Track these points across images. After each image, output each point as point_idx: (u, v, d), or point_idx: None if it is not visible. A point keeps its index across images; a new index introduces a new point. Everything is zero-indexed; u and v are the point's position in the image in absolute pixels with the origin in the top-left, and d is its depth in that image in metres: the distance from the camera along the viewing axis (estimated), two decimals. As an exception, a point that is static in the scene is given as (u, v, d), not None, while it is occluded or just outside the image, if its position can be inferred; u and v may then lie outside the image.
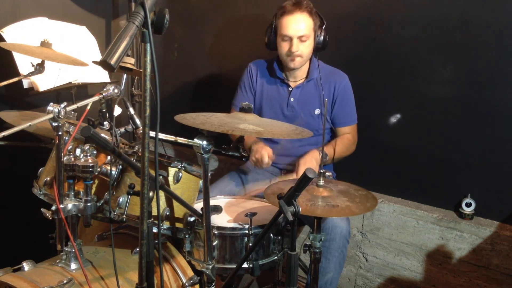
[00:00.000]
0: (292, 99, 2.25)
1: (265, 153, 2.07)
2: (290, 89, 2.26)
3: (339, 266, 1.98)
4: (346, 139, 2.26)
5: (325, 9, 2.21)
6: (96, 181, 1.47)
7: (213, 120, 1.42)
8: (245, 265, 1.64)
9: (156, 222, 1.28)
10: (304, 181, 1.25)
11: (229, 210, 1.88)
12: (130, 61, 1.74)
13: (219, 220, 1.75)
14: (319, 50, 2.19)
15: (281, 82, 2.28)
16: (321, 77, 2.22)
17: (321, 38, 2.15)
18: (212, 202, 1.52)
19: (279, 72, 2.26)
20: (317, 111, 2.23)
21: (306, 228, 2.56)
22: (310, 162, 2.08)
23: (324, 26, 2.15)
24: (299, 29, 2.08)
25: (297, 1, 2.10)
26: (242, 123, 1.44)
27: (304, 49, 2.12)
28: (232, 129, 1.37)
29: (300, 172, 2.05)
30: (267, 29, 2.20)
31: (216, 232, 1.64)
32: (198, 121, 1.40)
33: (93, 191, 1.45)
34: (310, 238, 1.55)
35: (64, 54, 2.04)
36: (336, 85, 2.22)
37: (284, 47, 2.14)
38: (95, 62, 1.75)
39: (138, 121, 1.63)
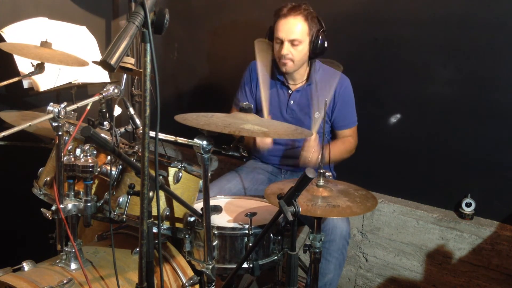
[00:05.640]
0: (291, 102, 2.25)
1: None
2: (290, 91, 2.25)
3: (339, 267, 1.98)
4: (348, 142, 2.25)
5: (326, 9, 2.20)
6: (96, 181, 1.47)
7: (217, 121, 1.42)
8: (245, 265, 1.64)
9: (156, 222, 1.28)
10: (304, 181, 1.25)
11: (229, 210, 1.88)
12: (130, 61, 1.74)
13: (219, 220, 1.75)
14: (317, 55, 2.15)
15: (281, 85, 2.27)
16: (322, 81, 2.21)
17: (318, 43, 2.09)
18: (212, 202, 1.52)
19: (278, 74, 2.25)
20: (316, 114, 2.22)
21: (306, 228, 2.55)
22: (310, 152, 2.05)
23: (323, 31, 2.10)
24: (290, 32, 2.06)
25: (294, 5, 2.08)
26: (245, 123, 1.44)
27: (296, 53, 2.09)
28: (239, 130, 1.37)
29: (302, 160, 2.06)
30: (268, 31, 2.19)
31: (216, 232, 1.64)
32: (202, 122, 1.39)
33: (93, 191, 1.45)
34: (310, 238, 1.55)
35: (64, 53, 2.04)
36: (337, 88, 2.19)
37: (276, 49, 2.13)
38: (95, 62, 1.75)
39: (138, 121, 1.63)
